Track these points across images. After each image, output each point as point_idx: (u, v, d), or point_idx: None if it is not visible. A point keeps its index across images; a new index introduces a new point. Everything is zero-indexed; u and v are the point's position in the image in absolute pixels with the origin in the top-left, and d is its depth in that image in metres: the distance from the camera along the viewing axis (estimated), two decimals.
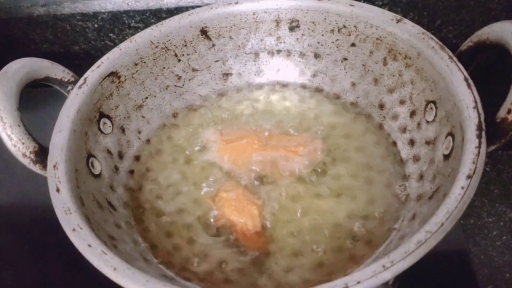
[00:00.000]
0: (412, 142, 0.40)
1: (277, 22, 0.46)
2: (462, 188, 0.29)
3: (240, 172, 0.41)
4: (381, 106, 0.44)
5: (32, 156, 0.36)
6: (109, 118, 0.42)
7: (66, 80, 0.41)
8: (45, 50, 0.62)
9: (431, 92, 0.38)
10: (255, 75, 0.49)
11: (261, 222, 0.37)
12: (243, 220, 0.37)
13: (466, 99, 0.33)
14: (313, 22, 0.45)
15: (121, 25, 0.59)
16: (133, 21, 0.58)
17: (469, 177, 0.30)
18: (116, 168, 0.42)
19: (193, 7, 0.54)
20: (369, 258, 0.35)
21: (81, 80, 0.40)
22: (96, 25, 0.59)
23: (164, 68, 0.46)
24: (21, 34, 0.61)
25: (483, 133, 0.31)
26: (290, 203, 0.39)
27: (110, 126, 0.42)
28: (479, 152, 0.31)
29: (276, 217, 0.38)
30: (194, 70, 0.47)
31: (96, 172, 0.39)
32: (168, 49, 0.45)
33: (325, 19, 0.45)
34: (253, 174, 0.40)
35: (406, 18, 0.41)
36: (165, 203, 0.40)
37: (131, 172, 0.43)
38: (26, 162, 0.36)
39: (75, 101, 0.39)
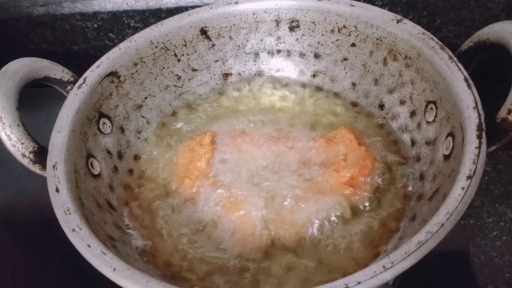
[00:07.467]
0: (412, 142, 0.40)
1: (277, 22, 0.46)
2: (463, 188, 0.29)
3: (239, 170, 0.41)
4: (381, 106, 0.44)
5: (31, 156, 0.36)
6: (109, 118, 0.42)
7: (65, 80, 0.41)
8: (44, 50, 0.62)
9: (431, 92, 0.38)
10: (255, 75, 0.49)
11: (259, 220, 0.37)
12: (242, 219, 0.37)
13: (466, 99, 0.33)
14: (313, 22, 0.45)
15: (121, 25, 0.58)
16: (132, 21, 0.58)
17: (470, 177, 0.30)
18: (116, 168, 0.41)
19: (193, 7, 0.53)
20: (369, 257, 0.35)
21: (81, 80, 0.40)
22: (95, 25, 0.59)
23: (163, 68, 0.46)
24: (21, 34, 0.61)
25: (483, 134, 0.31)
26: (288, 201, 0.38)
27: (109, 126, 0.42)
28: (479, 152, 0.31)
29: (275, 215, 0.38)
30: (193, 70, 0.47)
31: (96, 172, 0.39)
32: (168, 49, 0.45)
33: (325, 19, 0.45)
34: (252, 171, 0.40)
35: (406, 18, 0.41)
36: (164, 203, 0.40)
37: (131, 171, 0.43)
38: (26, 162, 0.36)
39: (74, 101, 0.39)
